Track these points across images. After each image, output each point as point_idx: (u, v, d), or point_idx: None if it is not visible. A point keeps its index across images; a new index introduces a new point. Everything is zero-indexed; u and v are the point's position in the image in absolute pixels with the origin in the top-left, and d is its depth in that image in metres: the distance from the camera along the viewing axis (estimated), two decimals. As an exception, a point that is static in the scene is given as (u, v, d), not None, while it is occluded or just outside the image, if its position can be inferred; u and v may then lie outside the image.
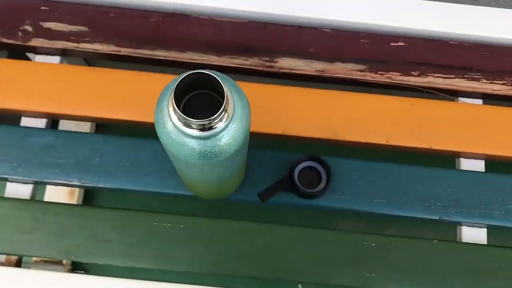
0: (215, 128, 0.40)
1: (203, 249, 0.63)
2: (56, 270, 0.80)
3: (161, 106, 0.42)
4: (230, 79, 0.45)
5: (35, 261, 0.87)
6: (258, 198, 0.61)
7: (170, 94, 0.39)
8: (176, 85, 0.39)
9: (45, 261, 0.87)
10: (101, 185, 0.64)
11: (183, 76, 0.39)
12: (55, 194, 0.96)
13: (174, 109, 0.39)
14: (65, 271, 0.90)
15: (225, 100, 0.39)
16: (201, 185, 0.55)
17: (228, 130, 0.41)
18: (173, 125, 0.41)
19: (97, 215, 0.63)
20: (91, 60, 0.83)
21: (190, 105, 0.43)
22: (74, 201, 0.98)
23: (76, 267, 0.97)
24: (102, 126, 1.08)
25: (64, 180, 0.64)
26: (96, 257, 0.62)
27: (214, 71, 0.42)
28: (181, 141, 0.41)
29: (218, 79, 0.39)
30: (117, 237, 0.62)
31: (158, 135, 0.43)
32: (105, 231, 0.62)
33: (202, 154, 0.41)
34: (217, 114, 0.39)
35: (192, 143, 0.41)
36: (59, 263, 0.89)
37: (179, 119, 0.40)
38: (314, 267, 0.63)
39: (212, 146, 0.41)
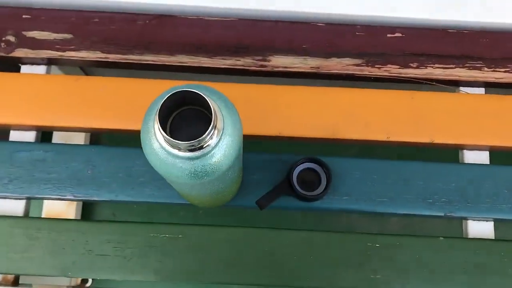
0: (205, 147, 0.38)
1: (204, 259, 0.61)
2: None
3: (147, 126, 0.40)
4: (219, 92, 0.42)
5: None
6: (256, 205, 0.60)
7: (155, 116, 0.37)
8: (160, 106, 0.37)
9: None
10: (95, 198, 0.62)
11: (166, 97, 0.37)
12: (53, 205, 0.95)
13: (160, 131, 0.37)
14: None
15: (213, 117, 0.37)
16: (196, 198, 0.54)
17: (219, 148, 0.39)
18: (160, 146, 0.39)
19: (92, 230, 0.62)
20: (85, 67, 0.81)
21: (178, 122, 0.41)
22: (72, 211, 0.96)
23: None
24: (97, 137, 1.06)
25: (57, 195, 0.62)
26: (93, 272, 0.60)
27: (200, 84, 0.40)
28: (170, 162, 0.39)
29: (204, 96, 0.37)
30: (114, 251, 0.60)
31: (145, 155, 0.41)
32: (101, 245, 0.61)
33: (192, 175, 0.39)
34: (205, 134, 0.36)
35: (182, 163, 0.39)
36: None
37: (165, 141, 0.38)
38: (317, 271, 0.61)
39: (202, 166, 0.39)
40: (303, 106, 0.66)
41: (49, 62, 0.68)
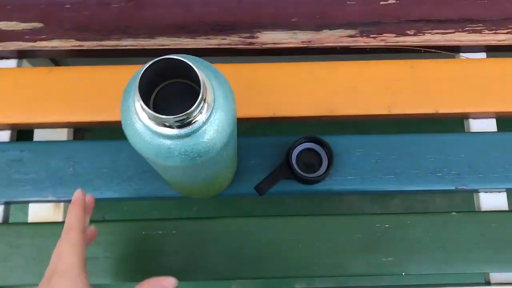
0: (194, 122, 0.33)
1: (200, 254, 0.56)
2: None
3: (127, 104, 0.35)
4: (206, 62, 0.38)
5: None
6: (254, 192, 0.55)
7: (135, 90, 0.32)
8: (140, 77, 0.32)
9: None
10: (78, 198, 0.57)
11: (146, 66, 0.32)
12: (38, 210, 0.89)
13: (142, 107, 0.32)
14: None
15: (201, 88, 0.32)
16: (188, 186, 0.49)
17: (210, 123, 0.34)
18: (143, 125, 0.34)
19: (78, 231, 0.56)
20: (58, 58, 0.75)
21: (162, 98, 0.36)
22: (59, 214, 0.91)
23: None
24: (81, 133, 1.01)
25: (38, 197, 0.57)
26: (83, 278, 0.55)
27: (186, 55, 0.35)
28: (156, 143, 0.34)
29: (191, 64, 0.32)
30: (104, 252, 0.56)
31: (127, 138, 0.36)
32: (89, 247, 0.56)
33: (183, 156, 0.35)
34: (194, 106, 0.32)
35: (170, 144, 0.34)
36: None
37: (149, 118, 0.33)
38: (324, 258, 0.57)
39: (193, 145, 0.34)
40: (297, 84, 0.62)
41: (20, 55, 0.63)
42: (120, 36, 0.62)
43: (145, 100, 0.32)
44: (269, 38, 0.63)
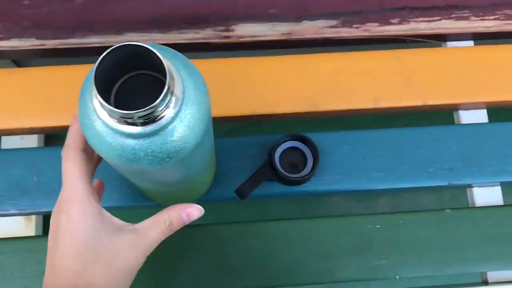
0: (161, 118, 0.29)
1: (181, 264, 0.52)
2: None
3: (84, 101, 0.31)
4: (174, 51, 0.34)
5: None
6: (235, 196, 0.51)
7: (91, 82, 0.28)
8: (96, 68, 0.28)
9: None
10: (43, 210, 0.52)
11: (104, 55, 0.28)
12: (7, 225, 0.84)
13: (100, 102, 0.28)
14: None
15: (168, 78, 0.28)
16: (161, 193, 0.44)
17: (180, 119, 0.30)
18: (103, 124, 0.30)
19: (45, 246, 0.52)
20: (20, 60, 0.70)
21: (125, 93, 0.32)
22: (31, 229, 0.85)
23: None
24: (52, 139, 0.95)
25: (-2, 211, 0.52)
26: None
27: (148, 43, 0.31)
28: (118, 143, 0.30)
29: (153, 50, 0.28)
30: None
31: (87, 140, 0.32)
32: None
33: (150, 157, 0.30)
34: (160, 99, 0.28)
35: (134, 144, 0.30)
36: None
37: (110, 115, 0.29)
38: (313, 264, 0.53)
39: (161, 144, 0.30)
40: (278, 79, 0.58)
41: (-24, 56, 0.58)
42: (85, 33, 0.57)
43: (104, 95, 0.28)
44: (246, 31, 0.59)
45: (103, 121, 0.29)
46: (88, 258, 0.35)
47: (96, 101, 0.29)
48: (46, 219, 0.91)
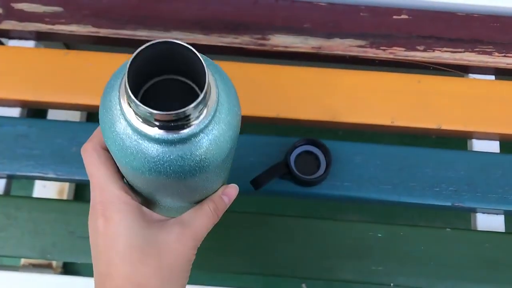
0: (191, 126, 0.28)
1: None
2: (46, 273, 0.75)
3: (107, 99, 0.30)
4: (210, 59, 0.33)
5: (23, 265, 0.82)
6: (250, 187, 0.56)
7: (123, 78, 0.27)
8: (130, 62, 0.27)
9: (33, 265, 0.82)
10: (77, 177, 0.58)
11: (139, 50, 0.27)
12: (43, 193, 0.91)
13: (128, 98, 0.27)
14: (56, 274, 0.85)
15: (206, 85, 0.27)
16: (168, 205, 0.41)
17: (210, 131, 0.29)
18: (127, 124, 0.28)
19: (75, 210, 0.58)
20: (71, 44, 0.77)
21: (152, 98, 0.31)
22: (63, 197, 0.92)
23: (68, 271, 0.92)
24: (94, 117, 1.02)
25: (38, 173, 0.58)
26: (74, 255, 0.56)
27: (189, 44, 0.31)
28: (137, 148, 0.29)
29: (195, 51, 0.27)
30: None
31: (106, 141, 0.31)
32: (84, 227, 0.56)
33: (170, 168, 0.29)
34: (195, 103, 0.26)
35: (157, 150, 0.29)
36: (49, 266, 0.84)
37: (136, 112, 0.27)
38: (314, 261, 0.57)
39: (182, 155, 0.29)
40: (304, 88, 0.63)
41: (38, 37, 0.65)
42: (135, 27, 0.64)
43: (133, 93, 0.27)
44: (280, 41, 0.64)
45: (127, 120, 0.28)
46: (136, 259, 0.32)
47: (124, 97, 0.28)
48: (77, 191, 0.98)
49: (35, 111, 0.79)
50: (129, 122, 0.28)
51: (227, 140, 0.31)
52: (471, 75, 0.67)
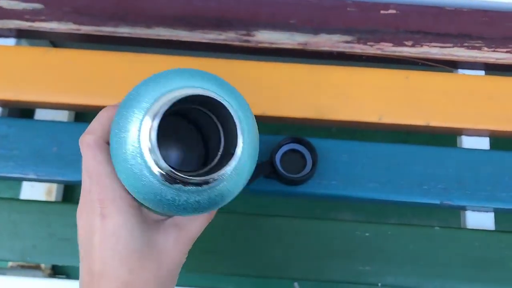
0: (216, 180, 0.29)
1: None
2: (34, 276, 0.74)
3: (122, 136, 0.28)
4: (230, 85, 0.33)
5: (11, 266, 0.80)
6: (234, 186, 0.54)
7: (150, 133, 0.27)
8: (160, 117, 0.26)
9: (22, 266, 0.81)
10: (59, 178, 0.57)
11: (171, 104, 0.27)
12: (31, 193, 0.90)
13: (156, 158, 0.27)
14: (44, 276, 0.84)
15: (238, 142, 0.27)
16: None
17: (232, 176, 0.29)
18: (150, 173, 0.28)
19: (56, 212, 0.56)
20: (57, 41, 0.76)
21: (167, 124, 0.30)
22: (51, 198, 0.91)
23: (57, 272, 0.91)
24: (82, 117, 1.01)
25: (18, 174, 0.57)
26: (55, 258, 0.55)
27: (207, 73, 0.31)
28: (153, 188, 0.29)
29: (230, 111, 0.28)
30: (78, 235, 0.55)
31: (118, 175, 0.31)
32: (65, 228, 0.56)
33: (184, 207, 0.29)
34: (227, 166, 0.27)
35: (172, 194, 0.29)
36: (37, 267, 0.82)
37: (164, 176, 0.28)
38: (301, 261, 0.56)
39: (200, 200, 0.29)
40: (290, 85, 0.62)
41: (18, 34, 0.64)
42: (117, 23, 0.62)
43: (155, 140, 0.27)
44: (265, 37, 0.63)
45: (150, 169, 0.28)
46: (135, 262, 0.32)
47: (150, 157, 0.27)
48: (66, 190, 0.97)
49: (22, 111, 0.77)
50: (151, 171, 0.27)
51: (247, 174, 0.31)
52: (460, 71, 0.66)
